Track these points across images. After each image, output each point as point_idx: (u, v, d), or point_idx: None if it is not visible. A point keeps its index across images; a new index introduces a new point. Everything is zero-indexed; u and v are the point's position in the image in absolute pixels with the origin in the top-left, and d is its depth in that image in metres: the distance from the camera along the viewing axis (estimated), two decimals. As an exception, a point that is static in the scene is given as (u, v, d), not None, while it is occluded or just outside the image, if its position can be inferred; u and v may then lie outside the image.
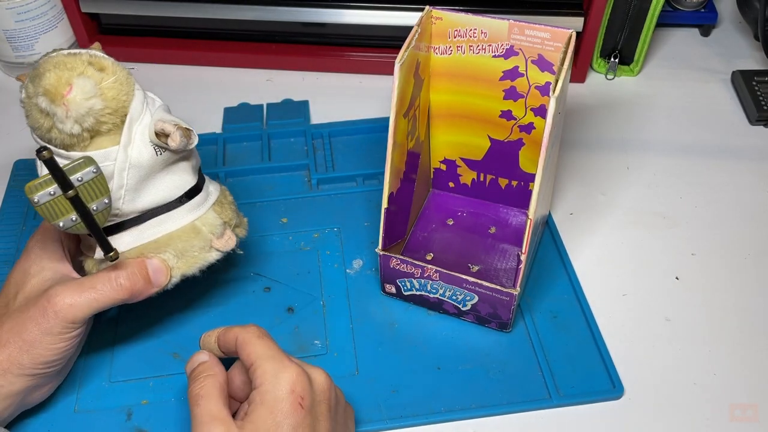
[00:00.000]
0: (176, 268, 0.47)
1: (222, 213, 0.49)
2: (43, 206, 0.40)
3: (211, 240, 0.48)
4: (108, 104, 0.42)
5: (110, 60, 0.44)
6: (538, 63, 0.52)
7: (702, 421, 0.49)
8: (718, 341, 0.54)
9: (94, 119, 0.42)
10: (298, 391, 0.39)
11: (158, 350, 0.52)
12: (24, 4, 0.70)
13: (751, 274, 0.58)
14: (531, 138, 0.56)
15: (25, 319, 0.43)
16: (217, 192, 0.50)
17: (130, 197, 0.45)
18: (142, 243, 0.46)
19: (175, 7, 0.73)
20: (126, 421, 0.48)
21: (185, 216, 0.47)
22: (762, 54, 0.77)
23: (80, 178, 0.40)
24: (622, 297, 0.56)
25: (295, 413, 0.38)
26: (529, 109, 0.54)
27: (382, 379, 0.50)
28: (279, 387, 0.39)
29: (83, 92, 0.41)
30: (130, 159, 0.43)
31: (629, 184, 0.66)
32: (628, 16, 0.72)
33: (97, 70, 0.43)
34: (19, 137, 0.70)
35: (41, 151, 0.38)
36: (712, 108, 0.73)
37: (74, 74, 0.41)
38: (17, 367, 0.43)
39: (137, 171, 0.44)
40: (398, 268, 0.51)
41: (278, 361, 0.40)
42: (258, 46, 0.77)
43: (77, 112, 0.41)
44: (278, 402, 0.38)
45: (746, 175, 0.66)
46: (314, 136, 0.68)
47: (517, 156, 0.58)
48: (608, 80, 0.77)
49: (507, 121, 0.56)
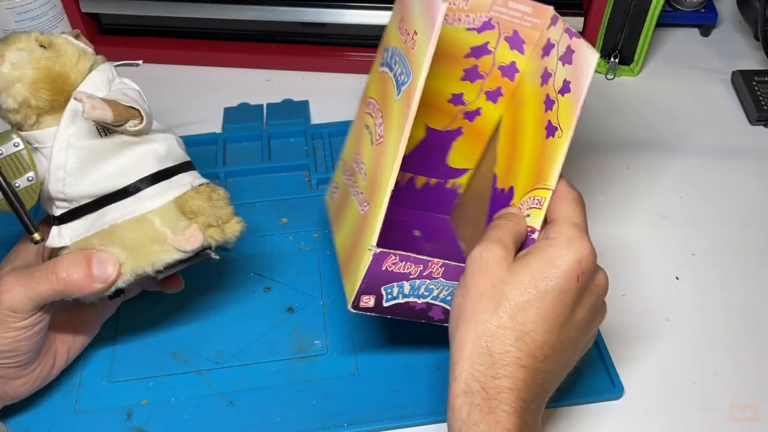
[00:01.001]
0: (125, 263, 0.42)
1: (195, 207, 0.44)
2: None
3: (165, 235, 0.42)
4: (40, 76, 0.41)
5: (66, 39, 0.43)
6: (510, 39, 0.49)
7: (702, 421, 0.49)
8: (718, 341, 0.54)
9: (27, 93, 0.40)
10: (583, 266, 0.39)
11: (158, 350, 0.52)
12: (24, 4, 0.70)
13: (751, 274, 0.58)
14: (472, 126, 0.53)
15: None
16: (189, 185, 0.44)
17: (73, 180, 0.42)
18: (89, 233, 0.43)
19: (175, 7, 0.73)
20: (126, 421, 0.48)
21: (136, 205, 0.42)
22: (762, 54, 0.77)
23: (1, 152, 0.39)
24: (622, 297, 0.56)
25: (569, 280, 0.38)
26: (482, 93, 0.51)
27: (382, 379, 0.50)
28: (568, 251, 0.39)
29: (12, 64, 0.40)
30: (69, 138, 0.41)
31: (629, 184, 0.66)
32: (628, 16, 0.72)
33: (40, 46, 0.41)
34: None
35: None
36: (712, 108, 0.73)
37: (11, 48, 0.40)
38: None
39: (78, 151, 0.41)
40: (393, 268, 0.45)
41: (580, 231, 0.40)
42: (258, 46, 0.77)
43: (6, 82, 0.40)
44: (559, 259, 0.38)
45: (746, 175, 0.66)
46: (314, 136, 0.68)
47: (448, 148, 0.54)
48: (608, 80, 0.77)
49: (454, 106, 0.52)
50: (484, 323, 0.38)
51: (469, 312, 0.39)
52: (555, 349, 0.39)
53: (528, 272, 0.39)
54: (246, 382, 0.50)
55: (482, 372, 0.38)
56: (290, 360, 0.52)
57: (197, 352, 0.52)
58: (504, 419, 0.36)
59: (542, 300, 0.38)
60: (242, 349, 0.52)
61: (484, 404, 0.37)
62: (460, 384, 0.38)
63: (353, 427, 0.48)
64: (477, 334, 0.38)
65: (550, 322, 0.38)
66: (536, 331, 0.38)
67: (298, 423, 0.48)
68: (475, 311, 0.39)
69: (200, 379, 0.51)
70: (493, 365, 0.38)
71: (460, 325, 0.39)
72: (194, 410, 0.49)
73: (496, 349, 0.38)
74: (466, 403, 0.37)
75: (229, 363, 0.51)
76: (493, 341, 0.38)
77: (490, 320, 0.38)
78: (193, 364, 0.51)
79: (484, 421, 0.36)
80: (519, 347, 0.38)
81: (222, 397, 0.50)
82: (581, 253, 0.39)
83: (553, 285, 0.38)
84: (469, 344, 0.38)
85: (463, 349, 0.38)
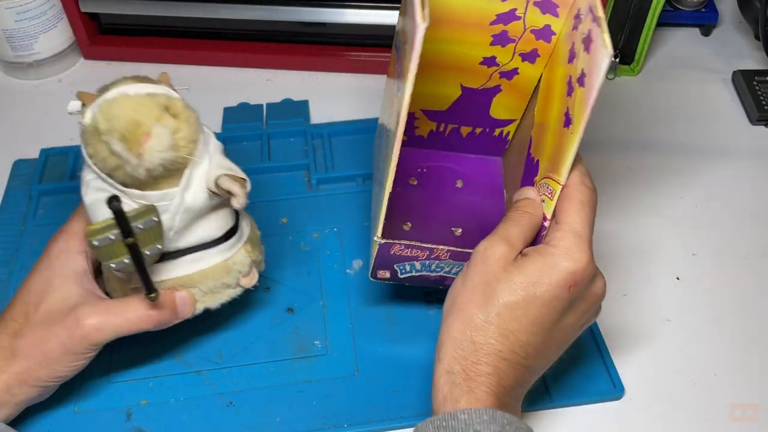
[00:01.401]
0: (201, 302, 0.48)
1: (251, 252, 0.49)
2: (101, 248, 0.41)
3: (238, 278, 0.49)
4: (180, 155, 0.42)
5: (182, 103, 0.43)
6: (540, 4, 0.46)
7: (702, 421, 0.49)
8: (718, 341, 0.54)
9: (163, 168, 0.42)
10: (577, 277, 0.40)
11: (158, 350, 0.52)
12: (24, 3, 0.70)
13: (751, 274, 0.58)
14: (511, 84, 0.51)
15: (49, 335, 0.44)
16: (248, 230, 0.50)
17: (175, 237, 0.45)
18: (175, 276, 0.46)
19: (175, 7, 0.73)
20: (126, 421, 0.48)
21: (219, 255, 0.47)
22: (762, 54, 0.77)
23: (141, 226, 0.41)
24: (622, 297, 0.56)
25: (560, 289, 0.40)
26: (517, 54, 0.49)
27: (382, 379, 0.50)
28: (564, 261, 0.40)
29: (160, 144, 0.41)
30: (185, 203, 0.44)
31: (629, 184, 0.65)
32: (628, 16, 0.72)
33: (172, 116, 0.42)
34: (19, 137, 0.70)
35: (113, 201, 0.38)
36: (713, 108, 0.73)
37: (153, 122, 0.41)
38: (34, 380, 0.44)
39: (189, 214, 0.44)
40: (401, 253, 0.47)
41: (581, 241, 0.40)
42: (258, 46, 0.77)
43: (151, 162, 0.41)
44: (553, 270, 0.40)
45: (746, 175, 0.66)
46: (314, 136, 0.68)
47: (489, 103, 0.53)
48: (608, 80, 0.77)
49: (488, 68, 0.50)
50: (472, 316, 0.40)
51: (462, 302, 0.41)
52: (538, 350, 0.41)
53: (522, 275, 0.40)
54: (246, 382, 0.50)
55: (464, 357, 0.40)
56: (290, 360, 0.52)
57: (197, 352, 0.52)
58: (483, 398, 0.39)
59: (530, 304, 0.40)
60: (242, 349, 0.52)
61: (464, 384, 0.39)
62: (443, 365, 0.40)
63: (353, 427, 0.48)
64: (464, 324, 0.41)
65: (536, 326, 0.40)
66: (520, 331, 0.40)
67: (298, 423, 0.48)
68: (467, 302, 0.41)
69: (200, 379, 0.51)
70: (475, 352, 0.40)
71: (452, 312, 0.42)
72: (194, 410, 0.49)
73: (479, 340, 0.40)
74: (448, 382, 0.40)
75: (229, 363, 0.51)
76: (478, 333, 0.40)
77: (477, 314, 0.40)
78: (193, 364, 0.51)
79: (464, 398, 0.39)
80: (501, 342, 0.40)
81: (222, 397, 0.50)
82: (577, 266, 0.40)
83: (542, 292, 0.40)
84: (456, 332, 0.41)
85: (449, 334, 0.41)
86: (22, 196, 0.63)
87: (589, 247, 0.41)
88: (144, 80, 0.43)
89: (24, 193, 0.63)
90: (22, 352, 0.43)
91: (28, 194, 0.63)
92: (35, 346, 0.43)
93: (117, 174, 0.42)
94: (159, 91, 0.43)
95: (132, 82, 0.43)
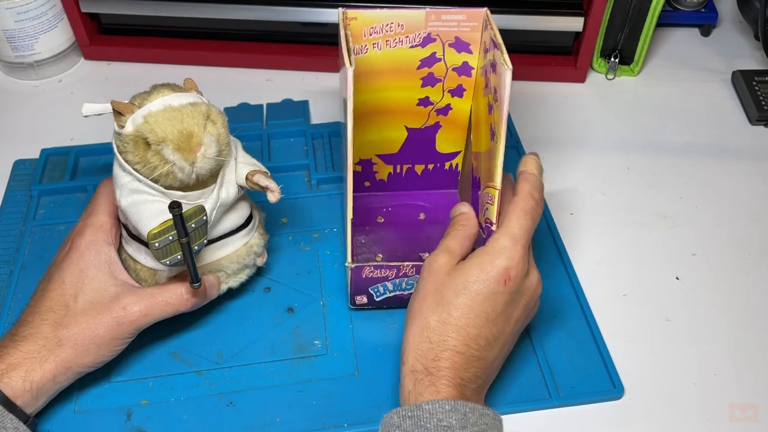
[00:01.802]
0: (225, 283, 0.53)
1: (263, 234, 0.54)
2: (160, 249, 0.44)
3: (255, 258, 0.53)
4: (224, 159, 0.47)
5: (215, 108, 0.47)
6: (455, 45, 0.53)
7: (702, 421, 0.49)
8: (718, 341, 0.54)
9: (210, 172, 0.46)
10: (511, 272, 0.45)
11: (158, 350, 0.52)
12: (24, 4, 0.70)
13: (751, 274, 0.58)
14: (448, 119, 0.57)
15: (96, 324, 0.47)
16: (258, 213, 0.54)
17: (210, 229, 0.48)
18: (207, 263, 0.51)
19: (176, 7, 0.73)
20: (126, 421, 0.48)
21: (241, 240, 0.52)
22: (762, 54, 0.77)
23: (193, 225, 0.45)
24: (622, 297, 0.56)
25: (497, 284, 0.44)
26: (446, 92, 0.56)
27: (382, 379, 0.50)
28: (498, 259, 0.45)
29: (211, 151, 0.45)
30: (221, 199, 0.48)
31: (629, 184, 0.66)
32: (628, 16, 0.72)
33: (212, 123, 0.46)
34: (19, 137, 0.70)
35: (174, 207, 0.42)
36: (712, 108, 0.73)
37: (202, 132, 0.45)
38: (79, 366, 0.47)
39: (222, 209, 0.49)
40: (372, 275, 0.51)
41: (515, 242, 0.45)
42: (258, 46, 0.77)
43: (203, 168, 0.45)
44: (489, 266, 0.45)
45: (746, 175, 0.66)
46: (314, 136, 0.68)
47: (433, 139, 0.59)
48: (608, 80, 0.77)
49: (424, 108, 0.57)
50: (426, 318, 0.45)
51: (418, 309, 0.46)
52: (489, 341, 0.45)
53: (464, 276, 0.45)
54: (246, 382, 0.50)
55: (424, 355, 0.44)
56: (290, 360, 0.52)
57: (197, 352, 0.52)
58: (444, 390, 0.42)
59: (474, 300, 0.44)
60: (242, 349, 0.52)
61: (426, 379, 0.43)
62: (407, 366, 0.44)
63: (353, 427, 0.48)
64: (421, 328, 0.45)
65: (482, 319, 0.44)
66: (469, 325, 0.44)
67: (298, 423, 0.48)
68: (421, 309, 0.46)
69: (200, 379, 0.51)
70: (433, 350, 0.44)
71: (410, 319, 0.46)
72: (194, 410, 0.49)
73: (435, 339, 0.44)
74: (412, 380, 0.44)
75: (229, 363, 0.51)
76: (433, 334, 0.44)
77: (431, 317, 0.45)
78: (193, 364, 0.51)
79: (427, 391, 0.43)
80: (455, 338, 0.44)
81: (222, 397, 0.50)
82: (509, 263, 0.45)
83: (482, 288, 0.44)
84: (415, 335, 0.45)
85: (409, 340, 0.45)
86: (22, 196, 0.63)
87: (522, 248, 0.45)
88: (176, 88, 0.47)
89: (24, 193, 0.63)
90: (68, 341, 0.46)
91: (28, 194, 0.63)
92: (82, 334, 0.46)
93: (165, 179, 0.45)
94: (197, 100, 0.46)
95: (168, 91, 0.46)
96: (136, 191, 0.46)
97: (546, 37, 0.74)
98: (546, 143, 0.69)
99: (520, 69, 0.74)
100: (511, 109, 0.71)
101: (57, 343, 0.46)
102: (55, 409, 0.49)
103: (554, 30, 0.73)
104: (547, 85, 0.76)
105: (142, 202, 0.46)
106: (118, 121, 0.45)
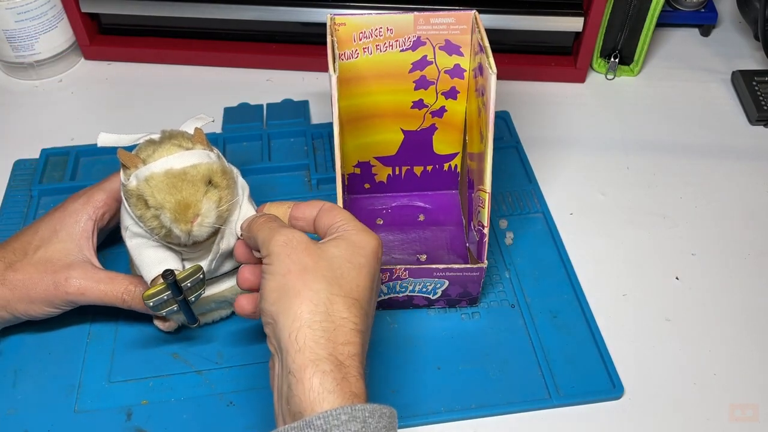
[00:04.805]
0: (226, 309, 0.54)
1: None
2: (155, 306, 0.46)
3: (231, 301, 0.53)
4: (220, 222, 0.46)
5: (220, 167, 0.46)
6: (445, 48, 0.53)
7: (702, 421, 0.49)
8: (718, 341, 0.54)
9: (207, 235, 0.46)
10: (379, 250, 0.43)
11: (158, 350, 0.52)
12: (24, 4, 0.70)
13: (751, 274, 0.58)
14: (443, 121, 0.58)
15: (37, 279, 0.49)
16: None
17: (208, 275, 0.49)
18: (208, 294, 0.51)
19: (176, 7, 0.73)
20: (126, 421, 0.48)
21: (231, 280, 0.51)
22: (762, 54, 0.77)
23: (189, 284, 0.46)
24: (622, 297, 0.56)
25: (375, 259, 0.42)
26: (440, 94, 0.56)
27: (382, 379, 0.50)
28: (369, 237, 0.42)
29: (208, 220, 0.45)
30: (221, 250, 0.48)
31: (629, 184, 0.66)
32: (628, 16, 0.72)
33: (214, 188, 0.46)
34: (19, 137, 0.70)
35: (167, 276, 0.44)
36: (712, 108, 0.73)
37: (201, 201, 0.45)
38: (11, 309, 0.49)
39: (222, 258, 0.49)
40: None
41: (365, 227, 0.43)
42: (258, 46, 0.77)
43: (200, 235, 0.46)
44: (366, 242, 0.42)
45: (746, 175, 0.66)
46: (314, 136, 0.68)
47: (430, 142, 0.59)
48: (608, 80, 0.77)
49: (419, 110, 0.57)
50: (318, 292, 0.39)
51: (298, 286, 0.39)
52: (369, 315, 0.41)
53: (344, 250, 0.41)
54: (246, 382, 0.50)
55: (326, 338, 0.37)
56: (290, 360, 0.52)
57: (197, 352, 0.52)
58: (354, 385, 0.37)
59: (360, 273, 0.41)
60: (242, 349, 0.52)
61: (336, 371, 0.37)
62: (305, 354, 0.37)
63: (353, 427, 0.48)
64: (313, 303, 0.38)
65: (368, 291, 0.41)
66: (362, 299, 0.40)
67: (298, 423, 0.48)
68: (304, 283, 0.39)
69: (200, 379, 0.51)
70: (335, 331, 0.38)
71: (290, 299, 0.39)
72: (194, 410, 0.49)
73: (335, 313, 0.38)
74: (318, 372, 0.36)
75: (229, 363, 0.51)
76: (331, 306, 0.38)
77: (323, 289, 0.39)
78: (193, 364, 0.51)
79: (338, 389, 0.36)
80: (353, 313, 0.39)
81: (222, 397, 0.50)
82: (378, 241, 0.43)
83: (364, 262, 0.41)
84: (306, 313, 0.38)
85: (300, 319, 0.38)
86: (22, 196, 0.63)
87: None
88: (181, 139, 0.46)
89: (24, 193, 0.63)
90: (10, 283, 0.49)
91: (28, 194, 0.63)
92: (22, 283, 0.49)
93: (164, 238, 0.46)
94: (201, 160, 0.45)
95: (173, 147, 0.45)
96: (139, 235, 0.48)
97: (546, 37, 0.74)
98: (546, 143, 0.69)
99: (520, 69, 0.75)
100: (511, 109, 0.71)
101: (1, 281, 0.49)
102: (55, 409, 0.49)
103: (554, 30, 0.73)
104: (547, 85, 0.76)
105: (144, 246, 0.48)
106: (123, 172, 0.46)
